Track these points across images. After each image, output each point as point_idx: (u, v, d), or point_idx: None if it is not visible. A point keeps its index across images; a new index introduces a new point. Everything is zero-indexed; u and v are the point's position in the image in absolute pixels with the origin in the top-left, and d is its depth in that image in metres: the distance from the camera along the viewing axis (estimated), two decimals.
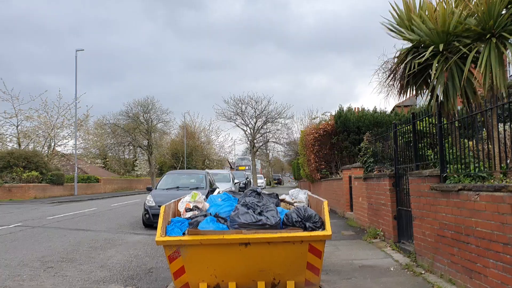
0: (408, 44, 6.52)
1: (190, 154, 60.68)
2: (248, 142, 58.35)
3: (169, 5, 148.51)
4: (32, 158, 33.32)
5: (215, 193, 7.48)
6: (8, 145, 40.79)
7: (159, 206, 12.39)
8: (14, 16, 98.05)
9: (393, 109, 24.10)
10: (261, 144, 59.69)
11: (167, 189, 14.47)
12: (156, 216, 12.39)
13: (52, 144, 44.02)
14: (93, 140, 53.28)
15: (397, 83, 6.99)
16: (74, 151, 40.26)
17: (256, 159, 62.32)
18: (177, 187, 14.52)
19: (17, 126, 40.80)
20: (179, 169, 52.45)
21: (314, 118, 38.41)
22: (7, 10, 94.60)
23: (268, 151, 73.29)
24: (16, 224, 13.94)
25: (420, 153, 7.80)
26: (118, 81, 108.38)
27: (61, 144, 45.79)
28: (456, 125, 6.19)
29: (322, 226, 4.83)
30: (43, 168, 33.81)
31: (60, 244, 10.06)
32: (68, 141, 45.93)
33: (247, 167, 60.51)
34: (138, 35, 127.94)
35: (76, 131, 39.62)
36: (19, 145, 40.26)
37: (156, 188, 14.80)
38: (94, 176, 44.67)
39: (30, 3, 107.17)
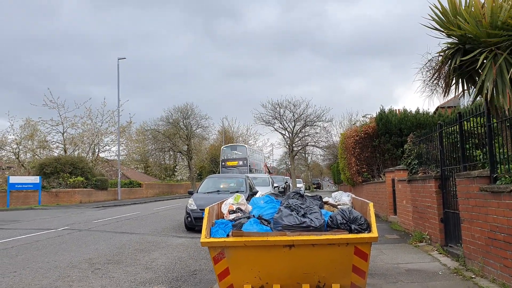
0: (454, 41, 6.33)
1: None
2: (287, 146, 58.07)
3: (207, 16, 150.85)
4: (77, 164, 34.41)
5: (257, 195, 7.49)
6: (55, 152, 42.40)
7: (201, 210, 12.60)
8: (61, 31, 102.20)
9: (436, 110, 23.45)
10: (299, 148, 59.17)
11: (208, 192, 14.59)
12: (198, 219, 12.57)
13: (96, 150, 45.45)
14: (135, 146, 54.55)
15: (442, 81, 6.79)
16: (117, 157, 41.33)
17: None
18: (218, 191, 14.65)
19: (63, 133, 42.37)
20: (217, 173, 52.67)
21: (354, 123, 37.55)
22: (55, 25, 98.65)
23: (306, 155, 72.68)
24: (64, 228, 14.40)
25: (467, 153, 7.55)
26: (158, 89, 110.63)
27: (104, 150, 47.26)
28: (507, 124, 5.95)
29: (368, 228, 4.72)
30: (88, 174, 34.89)
31: (106, 246, 10.32)
32: (111, 148, 47.36)
33: (240, 162, 39.26)
34: (176, 45, 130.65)
35: (119, 137, 40.67)
36: (65, 152, 41.72)
37: (197, 192, 14.94)
38: (136, 181, 45.76)
39: (76, 18, 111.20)
